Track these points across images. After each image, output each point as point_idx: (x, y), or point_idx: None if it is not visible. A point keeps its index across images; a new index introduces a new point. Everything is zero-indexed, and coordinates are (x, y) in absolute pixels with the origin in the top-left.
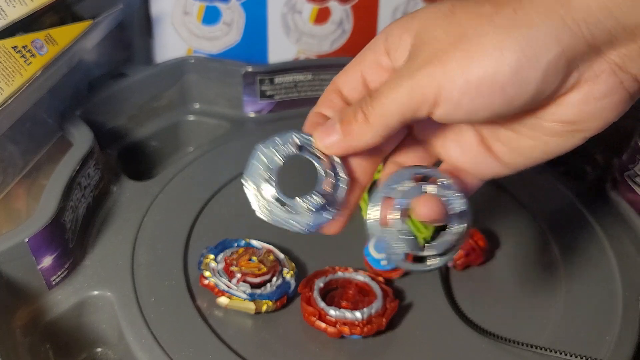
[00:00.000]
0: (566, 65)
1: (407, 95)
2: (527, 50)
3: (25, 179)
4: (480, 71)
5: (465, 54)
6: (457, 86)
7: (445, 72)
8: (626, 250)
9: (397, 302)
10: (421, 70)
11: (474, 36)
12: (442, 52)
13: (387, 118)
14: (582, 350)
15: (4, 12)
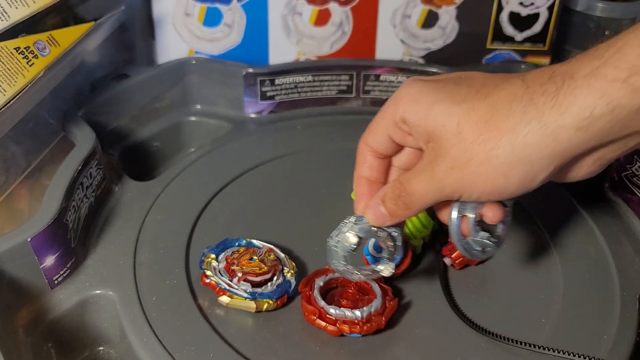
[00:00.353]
0: (556, 172)
1: (438, 194)
2: (528, 174)
3: (28, 179)
4: (493, 187)
5: (481, 177)
6: (476, 193)
7: (467, 186)
8: (624, 250)
9: (396, 300)
10: (447, 180)
11: (489, 161)
12: (464, 169)
13: (423, 206)
14: (580, 349)
15: (7, 14)
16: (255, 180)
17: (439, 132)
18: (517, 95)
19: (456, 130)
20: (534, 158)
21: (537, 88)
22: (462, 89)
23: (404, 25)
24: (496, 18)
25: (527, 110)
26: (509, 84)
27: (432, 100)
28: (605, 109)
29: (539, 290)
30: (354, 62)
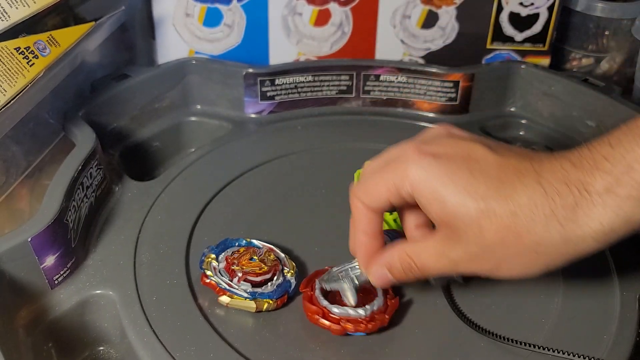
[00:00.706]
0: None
1: (448, 271)
2: (545, 269)
3: (28, 179)
4: (507, 276)
5: (498, 268)
6: (489, 275)
7: (483, 272)
8: (624, 250)
9: (397, 298)
10: (465, 265)
11: (509, 261)
12: (482, 261)
13: (431, 276)
14: (580, 349)
15: (7, 14)
16: (256, 180)
17: (459, 228)
18: (539, 205)
19: (478, 231)
20: (553, 261)
21: (557, 198)
22: (479, 184)
23: (404, 25)
24: (496, 18)
25: (548, 221)
26: (526, 187)
27: (447, 192)
28: (621, 224)
29: (539, 290)
30: (354, 62)
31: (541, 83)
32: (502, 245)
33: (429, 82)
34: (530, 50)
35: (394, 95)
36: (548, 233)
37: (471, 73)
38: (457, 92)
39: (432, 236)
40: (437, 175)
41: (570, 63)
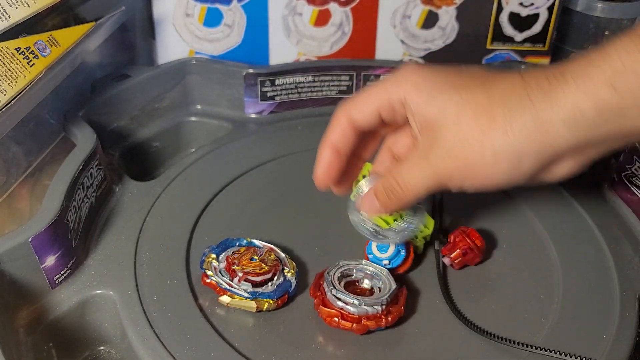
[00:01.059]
0: (543, 166)
1: (431, 182)
2: (517, 165)
3: (29, 179)
4: (483, 174)
5: (473, 162)
6: (468, 180)
7: (459, 172)
8: (623, 250)
9: (404, 287)
10: (442, 166)
11: (482, 147)
12: (458, 154)
13: (416, 196)
14: (579, 349)
15: (7, 14)
16: (256, 180)
17: (438, 119)
18: (515, 90)
19: (455, 118)
20: (525, 149)
21: (534, 85)
22: (464, 79)
23: (404, 25)
24: (496, 18)
25: (522, 103)
26: (509, 79)
27: (435, 88)
28: (591, 107)
29: (539, 290)
30: (354, 63)
31: None
32: (476, 130)
33: None
34: (530, 50)
35: None
36: (520, 111)
37: None
38: None
39: (412, 151)
40: (429, 79)
41: None
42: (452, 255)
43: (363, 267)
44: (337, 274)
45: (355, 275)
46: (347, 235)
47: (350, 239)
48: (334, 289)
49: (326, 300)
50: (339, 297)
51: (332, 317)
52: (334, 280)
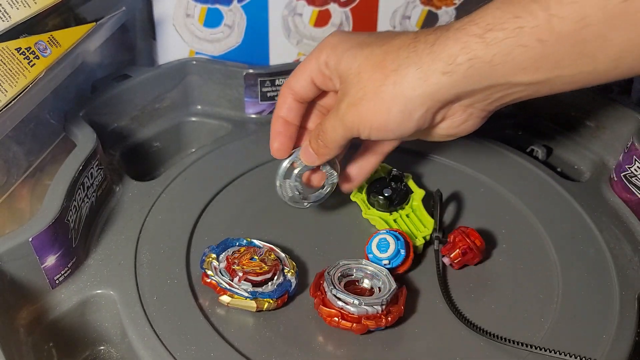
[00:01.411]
0: (431, 114)
1: (343, 131)
2: (405, 111)
3: (29, 179)
4: (379, 121)
5: (370, 111)
6: (368, 128)
7: (361, 120)
8: (623, 249)
9: (404, 287)
10: (347, 116)
11: (376, 97)
12: (358, 104)
13: (336, 143)
14: (579, 349)
15: (8, 14)
16: (256, 180)
17: (346, 74)
18: (405, 44)
19: (357, 71)
20: (410, 95)
21: (422, 38)
22: (371, 38)
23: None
24: None
25: (409, 55)
26: (403, 36)
27: (347, 48)
28: (465, 58)
29: (538, 289)
30: None
31: None
32: (373, 82)
33: None
34: None
35: None
36: (407, 63)
37: None
38: None
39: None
40: (344, 40)
41: None
42: (451, 255)
43: (363, 266)
44: (337, 273)
45: (355, 275)
46: (347, 235)
47: (350, 239)
48: (334, 288)
49: (326, 300)
50: (339, 297)
51: (332, 316)
52: (334, 280)
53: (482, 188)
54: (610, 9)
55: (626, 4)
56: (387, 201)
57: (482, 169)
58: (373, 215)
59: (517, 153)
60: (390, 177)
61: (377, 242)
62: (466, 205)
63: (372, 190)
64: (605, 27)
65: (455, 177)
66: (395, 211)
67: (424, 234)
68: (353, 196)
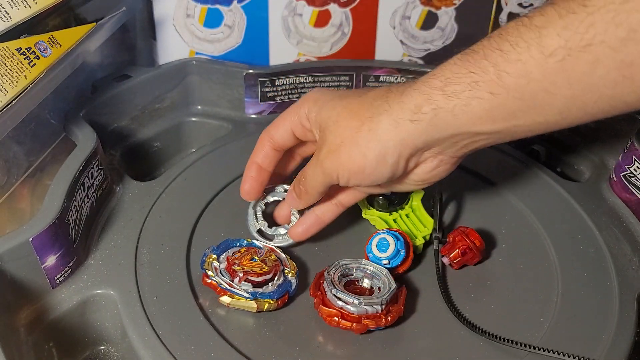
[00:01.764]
0: (404, 160)
1: (322, 177)
2: (380, 155)
3: (29, 179)
4: (357, 165)
5: (348, 156)
6: (347, 173)
7: (340, 166)
8: (622, 249)
9: (404, 287)
10: (326, 162)
11: (353, 142)
12: (337, 150)
13: (316, 189)
14: (578, 349)
15: (8, 15)
16: None
17: (325, 123)
18: (379, 95)
19: (335, 119)
20: (384, 139)
21: (394, 89)
22: (348, 93)
23: (404, 26)
24: (495, 19)
25: (382, 104)
26: (378, 89)
27: (327, 100)
28: (429, 108)
29: (538, 289)
30: (354, 63)
31: None
32: (350, 130)
33: None
34: None
35: None
36: (379, 112)
37: None
38: None
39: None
40: (325, 93)
41: None
42: (451, 255)
43: (363, 266)
44: (337, 273)
45: (355, 274)
46: (347, 235)
47: (350, 239)
48: (334, 288)
49: (326, 299)
50: (339, 297)
51: (332, 316)
52: (334, 280)
53: (482, 188)
54: (548, 67)
55: (563, 62)
56: (387, 201)
57: (482, 169)
58: (373, 215)
59: (517, 153)
60: None
61: (377, 242)
62: (466, 205)
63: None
64: (547, 83)
65: (455, 177)
66: (395, 211)
67: (423, 233)
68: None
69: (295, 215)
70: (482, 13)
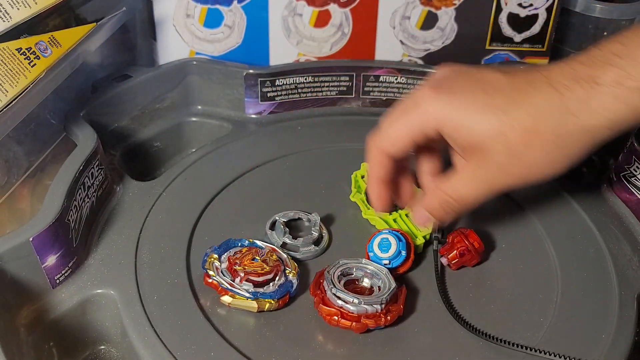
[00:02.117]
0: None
1: (488, 195)
2: (568, 163)
3: (30, 179)
4: (539, 177)
5: (533, 174)
6: (523, 183)
7: (519, 181)
8: (622, 249)
9: (403, 286)
10: (501, 181)
11: (536, 159)
12: (510, 172)
13: (473, 208)
14: (578, 349)
15: (8, 15)
16: (256, 180)
17: (486, 145)
18: (553, 103)
19: (504, 141)
20: (575, 151)
21: (568, 94)
22: (495, 100)
23: (404, 26)
24: (495, 19)
25: (565, 117)
26: (539, 91)
27: (470, 115)
28: (630, 113)
29: (538, 289)
30: (354, 63)
31: None
32: (527, 147)
33: None
34: (529, 51)
35: (394, 95)
36: (565, 126)
37: None
38: None
39: (462, 167)
40: (458, 106)
41: None
42: (449, 255)
43: (363, 265)
44: (337, 272)
45: (355, 274)
46: (347, 235)
47: (350, 239)
48: (334, 287)
49: (326, 298)
50: (338, 296)
51: (331, 315)
52: (334, 279)
53: None
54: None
55: None
56: None
57: None
58: (373, 215)
59: None
60: None
61: (379, 242)
62: None
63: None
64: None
65: None
66: (395, 211)
67: (424, 233)
68: (352, 196)
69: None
70: (482, 13)
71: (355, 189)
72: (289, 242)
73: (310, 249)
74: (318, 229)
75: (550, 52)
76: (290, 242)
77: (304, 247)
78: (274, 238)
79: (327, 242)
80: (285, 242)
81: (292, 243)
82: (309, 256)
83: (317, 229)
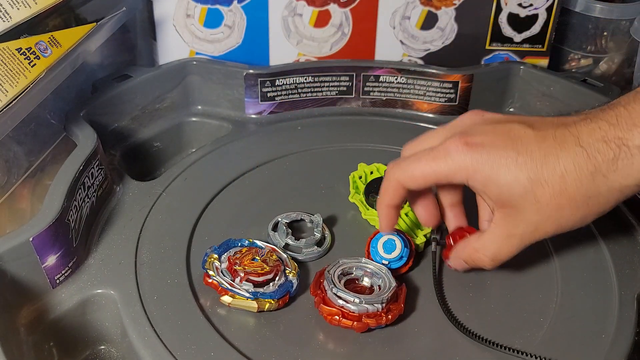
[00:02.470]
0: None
1: (519, 250)
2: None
3: (30, 179)
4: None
5: (561, 230)
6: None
7: (547, 236)
8: (622, 249)
9: (404, 285)
10: (532, 237)
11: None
12: (543, 229)
13: (504, 260)
14: (578, 349)
15: (8, 15)
16: (256, 180)
17: (515, 200)
18: (582, 166)
19: (534, 200)
20: (605, 208)
21: (598, 156)
22: (526, 160)
23: (404, 26)
24: (495, 19)
25: (595, 178)
26: (569, 153)
27: (500, 172)
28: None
29: (537, 290)
30: (354, 63)
31: (540, 84)
32: (558, 209)
33: (428, 83)
34: (529, 51)
35: (394, 95)
36: (596, 187)
37: (470, 74)
38: (456, 92)
39: (493, 225)
40: (488, 163)
41: (569, 64)
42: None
43: (363, 265)
44: (338, 272)
45: (355, 273)
46: (347, 235)
47: (350, 239)
48: (335, 287)
49: (326, 298)
50: (339, 296)
51: (332, 315)
52: (334, 279)
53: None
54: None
55: None
56: None
57: None
58: (372, 216)
59: None
60: None
61: (385, 242)
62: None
63: (370, 191)
64: None
65: None
66: None
67: (424, 232)
68: (352, 197)
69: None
70: (482, 13)
71: (354, 190)
72: (292, 243)
73: (313, 250)
74: (321, 230)
75: (550, 52)
76: (293, 244)
77: (306, 248)
78: (276, 239)
79: (329, 243)
80: (288, 243)
81: (295, 244)
82: (312, 257)
83: (319, 230)
